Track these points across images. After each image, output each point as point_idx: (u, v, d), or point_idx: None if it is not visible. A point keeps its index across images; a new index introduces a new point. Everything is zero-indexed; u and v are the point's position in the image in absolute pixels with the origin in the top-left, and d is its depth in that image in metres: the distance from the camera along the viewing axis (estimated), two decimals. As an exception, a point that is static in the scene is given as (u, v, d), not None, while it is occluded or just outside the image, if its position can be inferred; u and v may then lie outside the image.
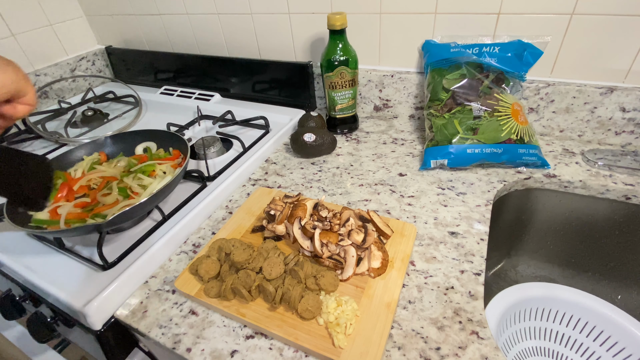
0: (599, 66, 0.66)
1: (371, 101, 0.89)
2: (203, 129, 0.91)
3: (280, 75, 0.95)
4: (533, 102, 0.72)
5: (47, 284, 0.52)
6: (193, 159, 0.79)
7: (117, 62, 1.28)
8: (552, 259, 0.76)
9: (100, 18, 1.22)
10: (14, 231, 0.62)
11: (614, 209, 0.64)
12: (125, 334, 0.53)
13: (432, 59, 0.73)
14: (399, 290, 0.46)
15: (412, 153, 0.75)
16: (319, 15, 0.84)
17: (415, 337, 0.42)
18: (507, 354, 0.62)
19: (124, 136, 0.74)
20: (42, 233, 0.53)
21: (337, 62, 0.75)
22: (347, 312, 0.42)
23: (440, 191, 0.64)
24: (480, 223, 0.57)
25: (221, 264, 0.50)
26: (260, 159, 0.78)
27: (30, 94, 0.40)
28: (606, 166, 0.65)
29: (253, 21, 0.93)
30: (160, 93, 1.14)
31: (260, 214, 0.61)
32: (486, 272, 0.73)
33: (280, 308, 0.46)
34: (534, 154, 0.64)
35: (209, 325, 0.47)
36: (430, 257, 0.52)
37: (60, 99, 1.14)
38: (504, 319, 0.60)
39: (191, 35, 1.07)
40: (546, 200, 0.68)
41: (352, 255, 0.48)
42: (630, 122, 0.67)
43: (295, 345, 0.42)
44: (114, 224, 0.52)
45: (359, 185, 0.68)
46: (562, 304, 0.63)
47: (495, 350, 0.40)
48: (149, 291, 0.52)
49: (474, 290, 0.47)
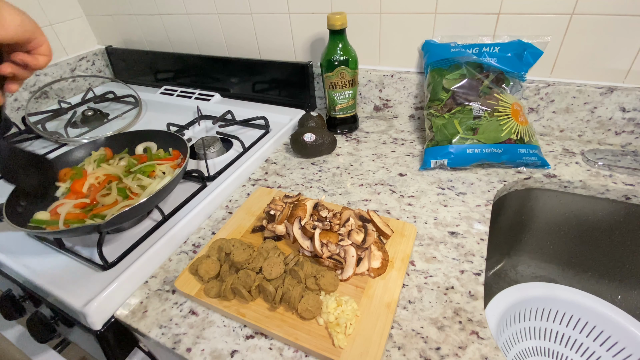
0: (599, 66, 0.66)
1: (371, 101, 0.89)
2: (203, 129, 0.91)
3: (280, 75, 0.95)
4: (533, 102, 0.72)
5: (47, 284, 0.52)
6: (193, 159, 0.79)
7: (117, 62, 1.28)
8: (552, 259, 0.76)
9: (100, 18, 1.22)
10: (14, 231, 0.62)
11: (614, 209, 0.64)
12: (125, 334, 0.53)
13: (432, 59, 0.73)
14: (399, 290, 0.46)
15: (412, 153, 0.75)
16: (319, 15, 0.84)
17: (415, 337, 0.42)
18: (507, 354, 0.62)
19: (123, 136, 0.74)
20: (42, 233, 0.53)
21: (337, 62, 0.75)
22: (347, 312, 0.42)
23: (440, 191, 0.64)
24: (480, 223, 0.57)
25: (221, 264, 0.50)
26: (260, 159, 0.78)
27: (46, 44, 0.42)
28: (606, 166, 0.65)
29: (253, 21, 0.93)
30: (160, 93, 1.14)
31: (260, 214, 0.61)
32: (486, 272, 0.73)
33: (280, 308, 0.46)
34: (534, 154, 0.64)
35: (209, 325, 0.47)
36: (430, 257, 0.52)
37: (60, 99, 1.14)
38: (504, 319, 0.60)
39: (191, 35, 1.07)
40: (546, 200, 0.68)
41: (352, 255, 0.48)
42: (630, 122, 0.67)
43: (295, 345, 0.42)
44: (113, 225, 0.52)
45: (359, 185, 0.68)
46: (562, 304, 0.63)
47: (495, 350, 0.40)
48: (149, 291, 0.52)
49: (474, 290, 0.47)
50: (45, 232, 0.51)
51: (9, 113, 1.05)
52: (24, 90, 1.10)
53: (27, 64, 0.41)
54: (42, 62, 0.42)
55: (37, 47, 0.41)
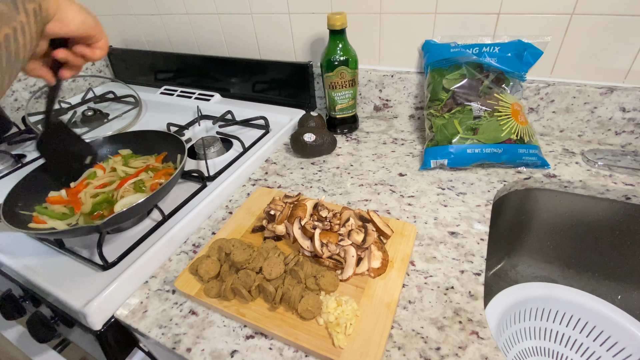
0: (599, 66, 0.66)
1: (371, 101, 0.89)
2: (203, 129, 0.91)
3: (280, 75, 0.95)
4: (533, 102, 0.72)
5: (47, 284, 0.52)
6: (193, 159, 0.79)
7: (117, 62, 1.28)
8: (552, 259, 0.76)
9: (100, 18, 1.21)
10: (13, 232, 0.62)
11: (614, 209, 0.64)
12: (125, 334, 0.53)
13: (432, 59, 0.73)
14: (399, 290, 0.46)
15: (412, 153, 0.75)
16: (319, 15, 0.84)
17: (415, 337, 0.42)
18: (507, 354, 0.62)
19: (123, 136, 0.73)
20: (42, 233, 0.53)
21: (337, 62, 0.75)
22: (347, 312, 0.42)
23: (440, 191, 0.64)
24: (480, 223, 0.57)
25: (221, 264, 0.50)
26: (260, 159, 0.78)
27: (104, 40, 0.49)
28: (606, 166, 0.65)
29: (253, 21, 0.93)
30: (160, 93, 1.14)
31: (260, 214, 0.61)
32: (486, 272, 0.73)
33: (280, 308, 0.46)
34: (534, 154, 0.64)
35: (209, 325, 0.47)
36: (430, 257, 0.52)
37: (60, 99, 1.14)
38: (504, 319, 0.60)
39: (191, 35, 1.07)
40: (546, 200, 0.68)
41: (352, 255, 0.48)
42: (630, 122, 0.67)
43: (295, 345, 0.42)
44: (113, 224, 0.52)
45: (359, 185, 0.68)
46: (562, 304, 0.63)
47: (495, 350, 0.40)
48: (149, 291, 0.52)
49: (474, 290, 0.47)
50: (46, 233, 0.51)
51: (9, 113, 1.05)
52: (23, 90, 1.10)
53: (84, 55, 0.48)
54: (97, 55, 0.49)
55: (96, 42, 0.48)
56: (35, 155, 0.86)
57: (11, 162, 0.83)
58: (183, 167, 0.61)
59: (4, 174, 0.79)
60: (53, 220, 0.57)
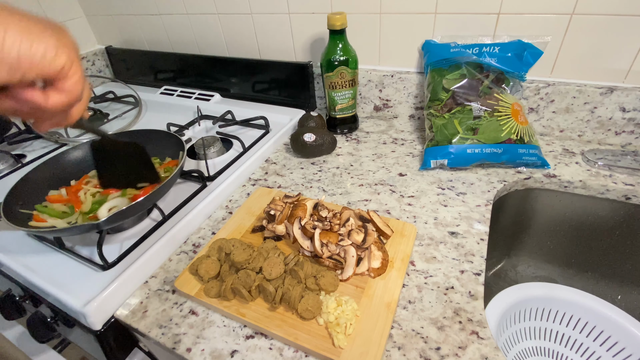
0: (599, 66, 0.66)
1: (371, 101, 0.89)
2: (203, 129, 0.91)
3: (280, 75, 0.95)
4: (533, 102, 0.72)
5: (47, 284, 0.52)
6: (193, 159, 0.79)
7: (117, 62, 1.28)
8: (552, 259, 0.76)
9: (100, 18, 1.22)
10: (13, 231, 0.62)
11: (614, 209, 0.64)
12: (125, 334, 0.53)
13: (432, 59, 0.73)
14: (399, 290, 0.46)
15: (412, 153, 0.75)
16: (319, 15, 0.84)
17: (415, 337, 0.42)
18: (507, 354, 0.62)
19: (123, 136, 0.73)
20: (42, 232, 0.53)
21: (337, 62, 0.75)
22: (347, 312, 0.42)
23: (440, 191, 0.64)
24: (480, 223, 0.56)
25: (221, 264, 0.50)
26: (260, 159, 0.78)
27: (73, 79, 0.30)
28: (606, 166, 0.65)
29: (253, 21, 0.93)
30: (160, 93, 1.14)
31: (260, 214, 0.61)
32: (486, 272, 0.73)
33: (280, 308, 0.46)
34: (534, 154, 0.64)
35: (209, 325, 0.47)
36: (430, 257, 0.52)
37: (60, 99, 1.14)
38: (504, 319, 0.60)
39: (191, 35, 1.07)
40: (546, 200, 0.68)
41: (352, 255, 0.48)
42: (630, 122, 0.67)
43: (295, 345, 0.42)
44: (113, 223, 0.52)
45: (359, 185, 0.68)
46: (562, 304, 0.63)
47: (495, 350, 0.40)
48: (149, 291, 0.52)
49: (474, 290, 0.47)
50: (46, 232, 0.51)
51: (9, 113, 1.05)
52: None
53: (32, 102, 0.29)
54: (52, 103, 0.29)
55: (59, 81, 0.29)
56: (36, 155, 0.86)
57: (11, 162, 0.83)
58: (183, 165, 0.61)
59: (4, 174, 0.79)
60: (53, 218, 0.57)
